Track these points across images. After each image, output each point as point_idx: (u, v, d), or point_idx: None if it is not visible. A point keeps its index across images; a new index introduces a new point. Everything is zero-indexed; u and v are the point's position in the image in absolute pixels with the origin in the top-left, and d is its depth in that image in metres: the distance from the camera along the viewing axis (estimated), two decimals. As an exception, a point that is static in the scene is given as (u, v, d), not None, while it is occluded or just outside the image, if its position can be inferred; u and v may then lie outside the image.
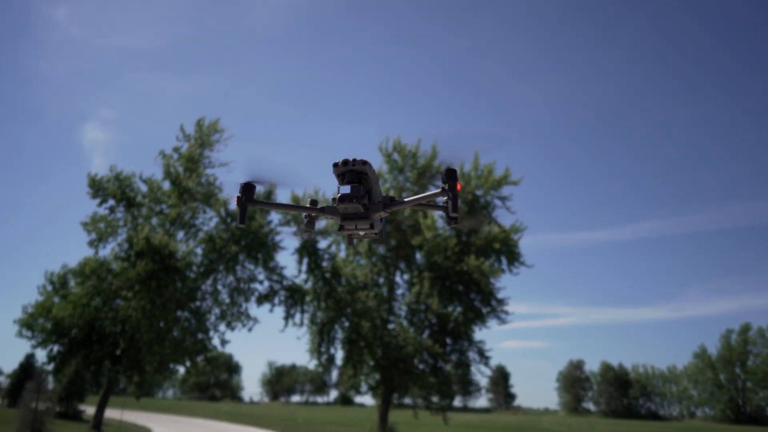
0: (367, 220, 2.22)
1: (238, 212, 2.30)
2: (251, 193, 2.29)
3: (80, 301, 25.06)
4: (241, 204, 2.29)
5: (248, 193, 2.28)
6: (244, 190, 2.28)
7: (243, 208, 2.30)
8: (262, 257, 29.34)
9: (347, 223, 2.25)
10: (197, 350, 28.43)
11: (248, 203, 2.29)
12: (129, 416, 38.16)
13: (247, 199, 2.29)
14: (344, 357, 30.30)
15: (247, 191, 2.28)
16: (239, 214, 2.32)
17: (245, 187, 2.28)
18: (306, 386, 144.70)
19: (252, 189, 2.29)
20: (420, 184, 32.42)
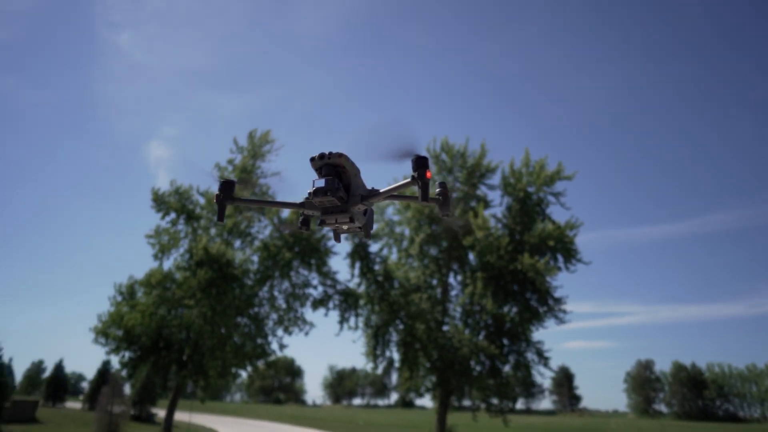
0: (346, 213, 2.22)
1: (217, 210, 2.31)
2: (230, 191, 2.29)
3: (147, 310, 26.45)
4: (220, 202, 2.29)
5: (227, 191, 2.28)
6: (223, 188, 2.28)
7: (222, 206, 2.30)
8: (315, 263, 29.91)
9: (327, 217, 2.26)
10: (257, 355, 29.29)
11: (227, 201, 2.30)
12: (197, 419, 39.83)
13: (225, 197, 2.29)
14: (400, 359, 30.36)
15: (225, 189, 2.28)
16: (218, 212, 2.32)
17: (224, 185, 2.29)
18: (366, 389, 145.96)
19: (231, 187, 2.29)
20: (470, 183, 32.09)
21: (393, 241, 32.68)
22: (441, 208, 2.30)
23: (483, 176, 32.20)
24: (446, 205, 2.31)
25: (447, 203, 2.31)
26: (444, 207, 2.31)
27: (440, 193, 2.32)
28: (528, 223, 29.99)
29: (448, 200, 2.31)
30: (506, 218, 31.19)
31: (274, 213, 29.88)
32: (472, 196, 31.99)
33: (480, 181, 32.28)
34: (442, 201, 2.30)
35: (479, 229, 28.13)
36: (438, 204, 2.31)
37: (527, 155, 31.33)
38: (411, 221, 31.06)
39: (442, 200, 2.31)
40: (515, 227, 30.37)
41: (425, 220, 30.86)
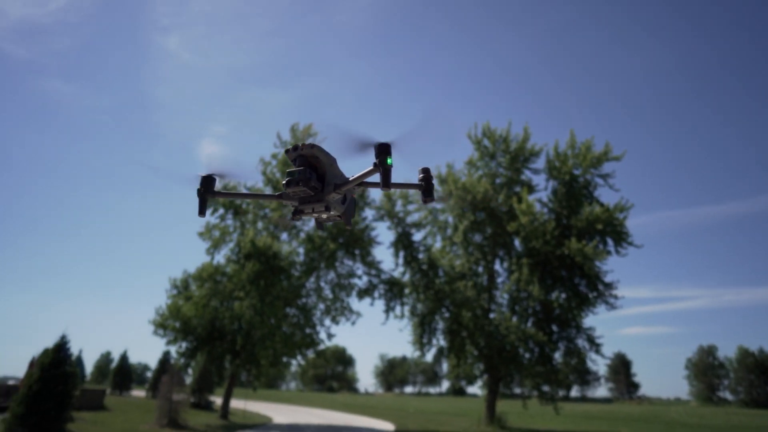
0: (321, 203, 2.25)
1: (198, 204, 2.35)
2: (211, 185, 2.33)
3: (200, 302, 27.55)
4: (201, 196, 2.33)
5: (208, 185, 2.33)
6: (204, 182, 2.33)
7: (203, 200, 2.34)
8: (359, 253, 30.23)
9: (304, 207, 2.28)
10: (306, 344, 29.98)
11: (208, 194, 2.33)
12: (253, 406, 41.25)
13: (206, 191, 2.33)
14: (446, 347, 30.36)
15: (206, 183, 2.33)
16: (199, 206, 2.35)
17: (205, 180, 2.33)
18: (418, 377, 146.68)
19: (212, 181, 2.33)
20: (513, 168, 31.50)
21: (437, 230, 32.56)
22: (423, 194, 2.30)
23: (527, 160, 31.55)
24: (429, 191, 2.30)
25: (430, 189, 2.31)
26: (427, 193, 2.30)
27: (423, 179, 2.32)
28: (575, 206, 29.19)
29: (431, 186, 2.31)
30: (552, 202, 30.47)
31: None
32: (516, 181, 31.41)
33: (524, 166, 31.65)
34: (424, 187, 2.31)
35: (524, 214, 27.61)
36: (420, 190, 2.31)
37: (572, 137, 30.45)
38: (453, 208, 30.80)
39: (424, 186, 2.31)
40: (561, 211, 29.63)
41: (468, 207, 30.54)
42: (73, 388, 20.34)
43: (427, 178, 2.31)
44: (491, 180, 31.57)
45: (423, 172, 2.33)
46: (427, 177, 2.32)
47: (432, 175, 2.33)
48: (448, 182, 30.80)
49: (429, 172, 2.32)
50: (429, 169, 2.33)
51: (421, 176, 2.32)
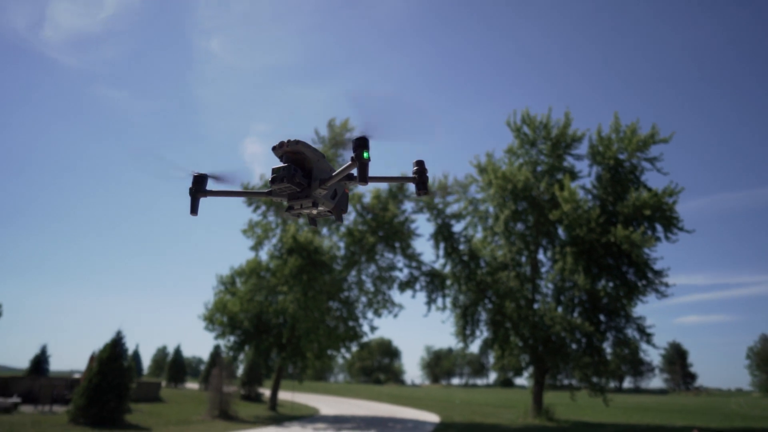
0: (308, 198, 2.25)
1: (190, 203, 2.37)
2: (203, 185, 2.36)
3: (246, 297, 28.31)
4: (193, 195, 2.36)
5: (199, 184, 2.36)
6: (196, 181, 2.36)
7: (195, 199, 2.36)
8: (399, 245, 30.30)
9: (293, 203, 2.30)
10: (350, 337, 30.36)
11: (199, 194, 2.36)
12: (301, 398, 42.16)
13: (197, 190, 2.36)
14: (490, 339, 30.07)
15: (198, 183, 2.36)
16: (191, 205, 2.37)
17: (196, 179, 2.36)
18: (464, 369, 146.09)
19: (203, 180, 2.37)
20: (555, 155, 30.73)
21: (478, 220, 32.19)
22: (417, 187, 2.29)
23: (569, 146, 30.71)
24: (423, 183, 2.28)
25: (423, 182, 2.29)
26: (420, 186, 2.28)
27: (417, 171, 2.30)
28: (620, 192, 28.23)
29: (424, 179, 2.29)
30: (596, 189, 29.58)
31: (357, 200, 30.56)
32: (558, 168, 30.63)
33: (566, 152, 30.82)
34: (418, 179, 2.29)
35: (566, 202, 26.90)
36: (414, 183, 2.29)
37: (616, 120, 29.41)
38: (494, 198, 30.34)
39: (418, 179, 2.29)
40: (606, 198, 28.73)
41: (509, 196, 30.01)
42: (130, 380, 21.37)
43: (421, 171, 2.30)
44: (532, 168, 30.93)
45: (417, 165, 2.32)
46: (420, 170, 2.31)
47: (426, 168, 2.31)
48: (488, 171, 30.36)
49: (423, 165, 2.31)
50: (423, 162, 2.32)
51: (415, 169, 2.31)
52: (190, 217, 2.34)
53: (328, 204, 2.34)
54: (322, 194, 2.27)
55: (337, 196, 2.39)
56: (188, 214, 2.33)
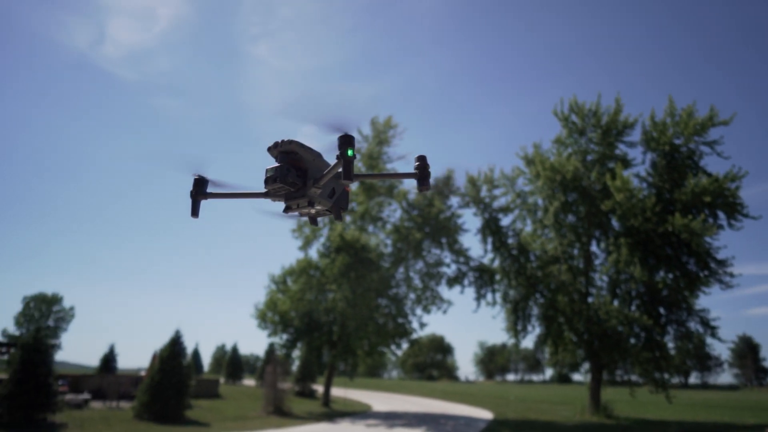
0: (303, 198, 2.24)
1: (191, 206, 2.38)
2: (203, 187, 2.38)
3: (296, 296, 28.87)
4: (194, 197, 2.37)
5: (200, 187, 2.37)
6: (196, 184, 2.37)
7: (196, 202, 2.38)
8: (446, 241, 30.07)
9: (291, 203, 2.28)
10: (399, 333, 30.43)
11: (200, 196, 2.38)
12: (354, 394, 42.65)
13: (197, 192, 2.37)
14: (543, 334, 29.40)
15: (198, 185, 2.37)
16: (192, 207, 2.39)
17: (197, 182, 2.38)
18: (519, 365, 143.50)
19: (204, 183, 2.38)
20: (606, 143, 29.63)
21: (526, 213, 31.50)
22: (419, 183, 2.25)
23: (620, 134, 29.54)
24: (424, 179, 2.24)
25: (425, 177, 2.25)
26: (422, 182, 2.25)
27: (418, 167, 2.26)
28: (677, 179, 26.90)
29: (426, 174, 2.26)
30: (651, 176, 28.32)
31: (402, 196, 30.55)
32: (610, 156, 29.51)
33: (617, 140, 29.66)
34: (419, 175, 2.25)
35: (619, 191, 25.86)
36: (416, 179, 2.25)
37: (671, 104, 28.01)
38: (542, 190, 29.56)
39: (419, 174, 2.25)
40: (662, 185, 27.45)
41: (558, 187, 29.16)
42: (188, 378, 22.26)
43: (422, 166, 2.26)
44: (582, 157, 29.95)
45: (418, 160, 2.28)
46: (422, 165, 2.26)
47: (427, 163, 2.27)
48: (535, 163, 29.63)
49: (424, 160, 2.27)
50: (425, 157, 2.28)
51: (417, 164, 2.27)
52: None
53: (326, 203, 2.32)
54: (317, 193, 2.25)
55: (336, 195, 2.37)
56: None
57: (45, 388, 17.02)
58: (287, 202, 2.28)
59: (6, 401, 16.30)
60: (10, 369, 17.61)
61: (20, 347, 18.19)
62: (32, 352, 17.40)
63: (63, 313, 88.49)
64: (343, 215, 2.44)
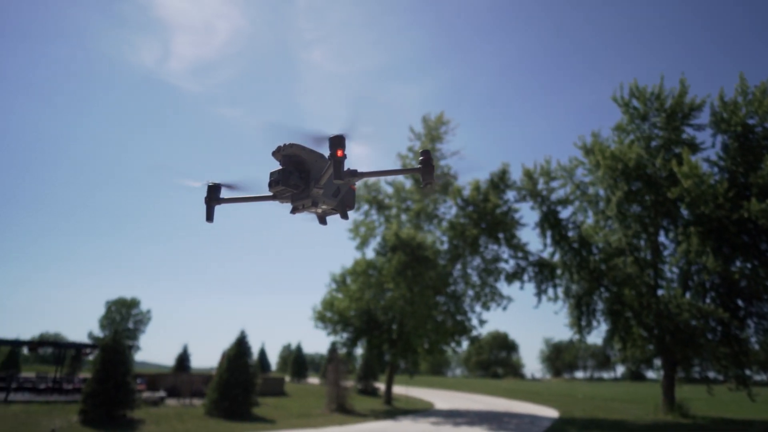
0: (308, 199, 2.31)
1: (206, 211, 2.50)
2: (217, 194, 2.50)
3: (355, 295, 29.26)
4: (208, 204, 2.49)
5: (214, 193, 2.50)
6: (210, 191, 2.50)
7: (210, 208, 2.50)
8: (503, 236, 29.53)
9: (297, 204, 2.36)
10: (458, 331, 30.18)
11: (214, 202, 2.50)
12: (416, 393, 42.71)
13: (211, 198, 2.49)
14: (609, 329, 28.27)
15: (212, 192, 2.50)
16: (207, 213, 2.50)
17: (211, 189, 2.50)
18: (588, 361, 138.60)
19: (217, 190, 2.50)
20: (671, 127, 28.11)
21: (587, 204, 30.42)
22: (423, 177, 2.28)
23: (687, 116, 27.94)
24: (428, 173, 2.27)
25: (429, 172, 2.27)
26: (426, 176, 2.27)
27: (422, 161, 2.28)
28: (752, 161, 25.09)
29: (430, 169, 2.27)
30: (722, 160, 26.60)
31: (457, 193, 30.26)
32: (676, 141, 27.96)
33: (683, 123, 28.08)
34: (423, 170, 2.27)
35: (687, 177, 24.43)
36: (420, 173, 2.27)
37: (742, 82, 26.21)
38: (603, 180, 28.39)
39: (423, 169, 2.27)
40: (736, 169, 25.72)
41: (620, 177, 27.90)
42: (254, 376, 23.10)
43: (426, 161, 2.28)
44: (645, 144, 28.56)
45: (423, 155, 2.30)
46: (426, 160, 2.28)
47: (432, 158, 2.29)
48: (594, 152, 28.52)
49: (429, 155, 2.30)
50: (429, 152, 2.31)
51: (421, 159, 2.30)
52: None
53: (331, 202, 2.39)
54: (320, 193, 2.32)
55: (341, 194, 2.43)
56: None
57: (124, 387, 18.17)
58: (293, 203, 2.37)
59: (90, 399, 17.54)
60: (93, 369, 18.95)
61: (101, 348, 19.55)
62: (112, 353, 18.63)
63: (141, 315, 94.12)
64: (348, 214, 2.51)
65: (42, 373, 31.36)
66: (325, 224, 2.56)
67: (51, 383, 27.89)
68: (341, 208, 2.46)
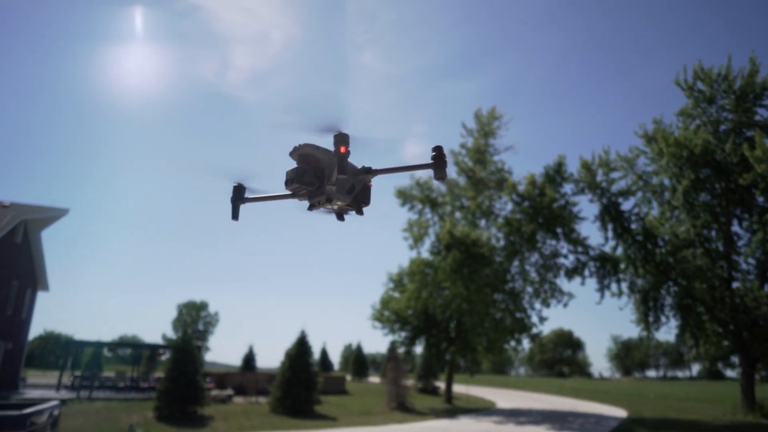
0: (322, 195, 2.40)
1: (231, 211, 2.64)
2: (242, 194, 2.63)
3: (412, 295, 29.33)
4: (234, 203, 2.63)
5: (239, 193, 2.63)
6: (235, 191, 2.63)
7: (236, 207, 2.63)
8: (561, 231, 28.75)
9: (313, 200, 2.45)
10: (518, 329, 29.63)
11: (239, 201, 2.63)
12: (478, 392, 42.28)
13: (236, 198, 2.63)
14: (679, 325, 26.91)
15: (237, 192, 2.63)
16: (232, 212, 2.64)
17: (236, 189, 2.63)
18: (660, 360, 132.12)
19: (242, 190, 2.63)
20: (741, 109, 26.44)
21: (651, 195, 29.08)
22: (435, 171, 2.33)
23: (758, 97, 26.20)
24: (440, 168, 2.32)
25: (441, 167, 2.32)
26: (438, 170, 2.32)
27: (434, 157, 2.34)
28: (837, 141, 23.14)
29: (442, 164, 2.33)
30: (802, 141, 24.66)
31: (511, 189, 29.73)
32: (747, 123, 26.25)
33: (755, 104, 26.35)
34: (435, 164, 2.33)
35: (760, 161, 22.86)
36: (432, 168, 2.33)
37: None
38: (668, 168, 27.04)
39: (435, 163, 2.32)
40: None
41: (686, 164, 26.48)
42: (316, 375, 23.67)
43: (439, 156, 2.33)
44: (713, 128, 26.98)
45: (435, 150, 2.35)
46: (438, 155, 2.34)
47: (444, 153, 2.34)
48: (657, 140, 27.23)
49: (441, 150, 2.35)
50: (441, 147, 2.36)
51: (433, 154, 2.35)
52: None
53: (345, 198, 2.47)
54: (333, 190, 2.40)
55: (355, 191, 2.50)
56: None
57: (194, 385, 19.14)
58: (310, 200, 2.48)
59: (164, 396, 18.61)
60: (166, 368, 20.08)
61: (172, 349, 20.68)
62: (182, 353, 19.67)
63: (209, 317, 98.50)
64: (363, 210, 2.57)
65: (121, 373, 33.48)
66: (343, 220, 2.64)
67: (129, 382, 29.76)
68: (356, 204, 2.54)
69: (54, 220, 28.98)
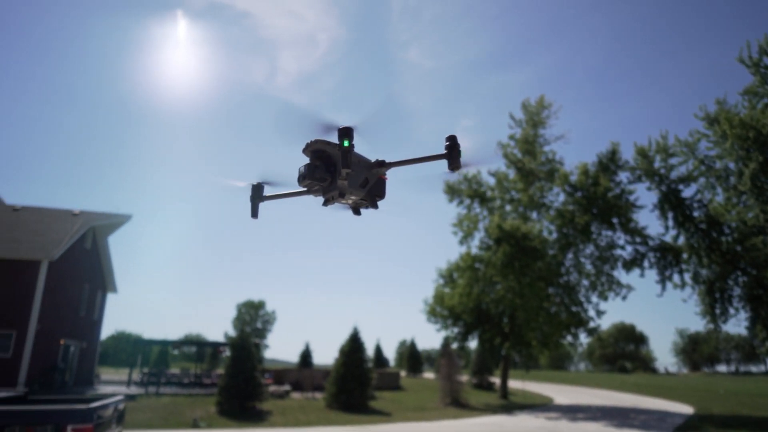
0: (335, 190, 2.40)
1: (251, 209, 2.67)
2: (261, 191, 2.67)
3: (463, 291, 29.10)
4: (253, 201, 2.66)
5: (258, 191, 2.67)
6: (254, 189, 2.67)
7: (255, 205, 2.66)
8: (618, 221, 27.72)
9: (327, 195, 2.46)
10: (574, 323, 28.83)
11: (258, 200, 2.66)
12: (535, 387, 41.48)
13: (255, 196, 2.66)
14: (750, 317, 25.38)
15: (257, 190, 2.67)
16: (251, 210, 2.67)
17: (255, 188, 2.67)
18: (732, 354, 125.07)
19: (261, 188, 2.67)
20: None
21: (715, 180, 27.52)
22: (449, 162, 2.31)
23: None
24: (454, 158, 2.31)
25: (455, 157, 2.31)
26: (452, 160, 2.31)
27: (448, 146, 2.32)
28: None
29: (456, 153, 2.31)
30: None
31: (563, 180, 28.94)
32: (824, 99, 24.38)
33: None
34: (449, 154, 2.31)
35: (838, 140, 21.25)
36: (447, 159, 2.32)
37: None
38: (733, 152, 25.49)
39: (449, 153, 2.31)
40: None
41: (754, 146, 24.87)
42: (370, 371, 23.93)
43: (452, 146, 2.32)
44: (778, 107, 25.21)
45: (448, 140, 2.34)
46: (452, 144, 2.32)
47: (458, 143, 2.32)
48: (720, 122, 25.73)
49: (455, 140, 2.33)
50: (455, 137, 2.34)
51: (447, 144, 2.34)
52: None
53: (358, 192, 2.47)
54: (345, 185, 2.40)
55: (369, 184, 2.50)
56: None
57: (252, 381, 19.80)
58: (324, 195, 2.50)
59: (224, 392, 19.36)
60: (226, 365, 20.87)
61: (231, 347, 21.48)
62: (240, 351, 20.39)
63: (267, 316, 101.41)
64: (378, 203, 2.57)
65: (186, 369, 35.05)
66: (359, 215, 2.64)
67: (193, 378, 31.12)
68: (370, 198, 2.54)
69: (119, 225, 30.65)
